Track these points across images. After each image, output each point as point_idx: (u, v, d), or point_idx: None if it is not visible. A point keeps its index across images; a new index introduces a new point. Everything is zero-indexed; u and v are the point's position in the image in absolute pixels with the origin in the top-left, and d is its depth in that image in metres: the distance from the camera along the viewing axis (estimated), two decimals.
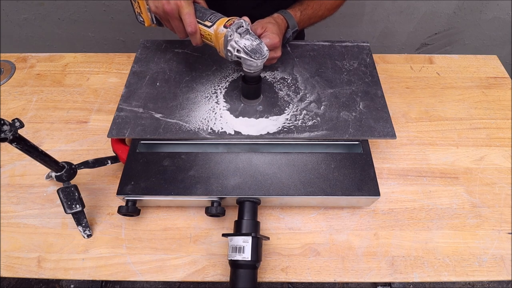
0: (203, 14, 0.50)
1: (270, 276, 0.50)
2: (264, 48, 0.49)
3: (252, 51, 0.48)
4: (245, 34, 0.49)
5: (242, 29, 0.48)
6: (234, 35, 0.48)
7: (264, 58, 0.49)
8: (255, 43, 0.48)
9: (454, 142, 0.65)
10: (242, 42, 0.48)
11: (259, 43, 0.49)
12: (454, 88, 0.74)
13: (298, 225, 0.55)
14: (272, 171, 0.52)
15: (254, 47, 0.48)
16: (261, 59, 0.48)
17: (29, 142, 0.43)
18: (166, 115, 0.57)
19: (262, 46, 0.49)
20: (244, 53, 0.48)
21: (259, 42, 0.49)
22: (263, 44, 0.49)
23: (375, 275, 0.50)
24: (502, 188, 0.59)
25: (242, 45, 0.48)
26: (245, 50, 0.48)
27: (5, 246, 0.53)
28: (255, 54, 0.48)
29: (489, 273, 0.51)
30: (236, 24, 0.48)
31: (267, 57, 0.49)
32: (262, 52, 0.48)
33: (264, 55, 0.48)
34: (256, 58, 0.48)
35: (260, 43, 0.49)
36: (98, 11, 1.20)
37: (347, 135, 0.54)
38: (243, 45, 0.48)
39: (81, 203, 0.52)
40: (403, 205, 0.57)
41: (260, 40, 0.49)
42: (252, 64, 0.49)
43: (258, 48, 0.48)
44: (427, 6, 1.21)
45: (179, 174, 0.51)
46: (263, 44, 0.49)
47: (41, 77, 0.75)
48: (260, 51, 0.48)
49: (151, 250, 0.52)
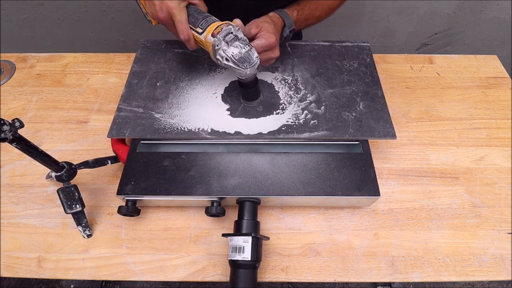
0: (196, 19, 0.49)
1: (270, 276, 0.50)
2: (254, 55, 0.48)
3: (239, 60, 0.47)
4: (234, 41, 0.47)
5: (230, 36, 0.47)
6: (221, 44, 0.47)
7: (253, 66, 0.48)
8: (243, 51, 0.47)
9: (454, 142, 0.65)
10: (230, 51, 0.47)
11: (248, 50, 0.47)
12: (454, 88, 0.74)
13: (298, 225, 0.55)
14: (272, 171, 0.52)
15: (242, 56, 0.47)
16: (249, 68, 0.48)
17: (29, 142, 0.43)
18: (166, 115, 0.57)
19: (251, 53, 0.48)
20: (232, 62, 0.47)
21: (248, 49, 0.47)
22: (253, 50, 0.48)
23: (375, 275, 0.50)
24: (502, 188, 0.59)
25: (230, 54, 0.47)
26: (233, 59, 0.47)
27: (5, 246, 0.53)
28: (243, 64, 0.47)
29: (489, 273, 0.51)
30: (224, 32, 0.47)
31: (256, 64, 0.48)
32: (250, 61, 0.47)
33: (253, 63, 0.48)
34: (244, 67, 0.47)
35: (249, 49, 0.48)
36: (98, 11, 1.20)
37: (347, 135, 0.54)
38: (231, 54, 0.47)
39: (81, 203, 0.52)
40: (403, 205, 0.57)
41: (250, 46, 0.48)
42: (241, 72, 0.48)
43: (246, 56, 0.47)
44: (427, 6, 1.21)
45: (179, 174, 0.51)
46: (253, 51, 0.48)
47: (41, 77, 0.75)
48: (249, 59, 0.47)
49: (151, 250, 0.52)
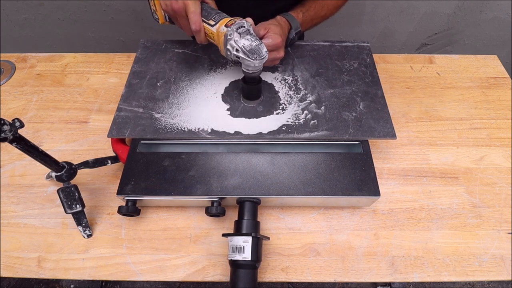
0: (209, 13, 0.51)
1: (270, 276, 0.50)
2: (263, 50, 0.49)
3: (250, 51, 0.48)
4: (246, 34, 0.49)
5: (242, 29, 0.49)
6: (234, 35, 0.48)
7: (262, 59, 0.49)
8: (254, 44, 0.48)
9: (454, 142, 0.65)
10: (241, 42, 0.48)
11: (259, 44, 0.49)
12: (454, 88, 0.74)
13: (298, 225, 0.55)
14: (272, 171, 0.52)
15: (253, 48, 0.48)
16: (258, 60, 0.48)
17: (29, 142, 0.43)
18: (166, 115, 0.57)
19: (261, 47, 0.49)
20: (242, 52, 0.48)
21: (258, 43, 0.49)
22: (263, 45, 0.49)
23: (375, 275, 0.50)
24: (502, 188, 0.59)
25: (241, 45, 0.48)
26: (244, 50, 0.48)
27: (5, 246, 0.53)
28: (253, 55, 0.48)
29: (489, 273, 0.51)
30: (237, 24, 0.48)
31: (265, 58, 0.49)
32: (260, 53, 0.48)
33: (263, 56, 0.49)
34: (253, 58, 0.48)
35: (259, 44, 0.49)
36: (98, 11, 1.20)
37: (347, 135, 0.54)
38: (242, 44, 0.48)
39: (81, 203, 0.52)
40: (403, 205, 0.57)
41: (260, 41, 0.50)
42: (250, 64, 0.49)
43: (257, 49, 0.48)
44: (427, 6, 1.21)
45: (179, 174, 0.51)
46: (263, 46, 0.49)
47: (41, 77, 0.75)
48: (259, 52, 0.48)
49: (151, 250, 0.52)
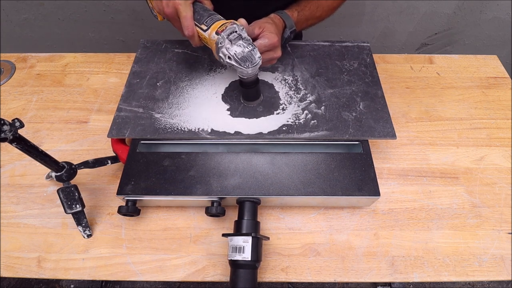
0: (201, 16, 0.49)
1: (270, 276, 0.50)
2: (256, 55, 0.48)
3: (242, 59, 0.47)
4: (237, 40, 0.47)
5: (234, 35, 0.47)
6: (225, 42, 0.47)
7: (255, 66, 0.48)
8: (246, 50, 0.47)
9: (454, 142, 0.65)
10: (233, 49, 0.47)
11: (251, 50, 0.47)
12: (454, 88, 0.74)
13: (298, 225, 0.55)
14: (272, 171, 0.52)
15: (245, 55, 0.47)
16: (251, 67, 0.47)
17: (29, 142, 0.43)
18: (166, 115, 0.57)
19: (254, 52, 0.47)
20: (234, 60, 0.47)
21: (251, 49, 0.47)
22: (256, 50, 0.48)
23: (375, 275, 0.50)
24: (502, 188, 0.59)
25: (233, 53, 0.47)
26: (235, 58, 0.47)
27: (5, 246, 0.53)
28: (245, 62, 0.47)
29: (489, 273, 0.51)
30: (229, 30, 0.47)
31: (259, 64, 0.48)
32: (252, 60, 0.47)
33: (255, 62, 0.47)
34: (246, 66, 0.47)
35: (252, 49, 0.47)
36: (98, 11, 1.20)
37: (347, 135, 0.54)
38: (234, 52, 0.47)
39: (81, 203, 0.52)
40: (403, 205, 0.57)
41: (253, 46, 0.48)
42: (243, 71, 0.48)
43: (249, 56, 0.47)
44: (427, 6, 1.21)
45: (179, 174, 0.51)
46: (256, 51, 0.48)
47: (41, 77, 0.75)
48: (251, 58, 0.47)
49: (151, 250, 0.52)
